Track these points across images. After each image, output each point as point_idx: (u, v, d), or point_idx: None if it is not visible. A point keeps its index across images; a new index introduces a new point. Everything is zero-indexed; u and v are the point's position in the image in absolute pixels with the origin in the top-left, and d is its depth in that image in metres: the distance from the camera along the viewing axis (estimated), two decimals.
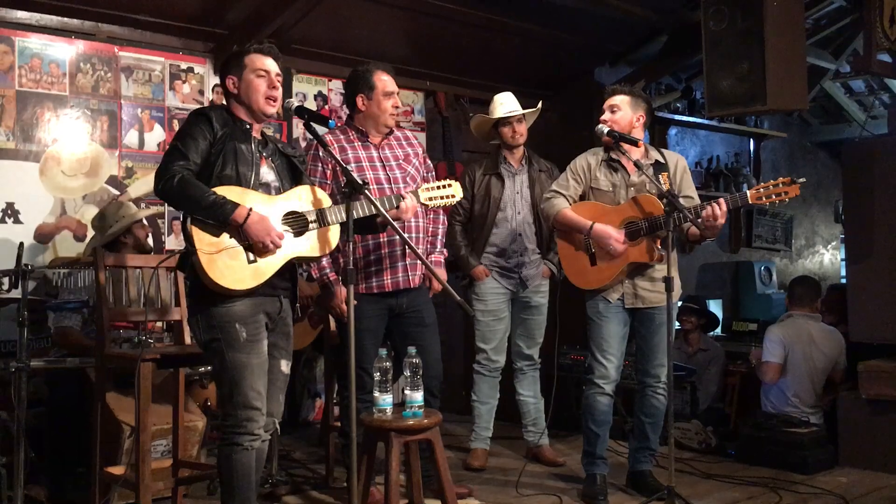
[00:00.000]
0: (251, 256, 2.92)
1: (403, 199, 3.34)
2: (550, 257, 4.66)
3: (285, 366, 3.12)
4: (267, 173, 3.05)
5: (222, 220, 2.85)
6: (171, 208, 5.02)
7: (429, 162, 4.01)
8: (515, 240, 4.61)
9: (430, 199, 3.46)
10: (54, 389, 4.08)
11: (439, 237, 4.01)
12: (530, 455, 4.70)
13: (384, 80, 3.73)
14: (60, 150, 4.69)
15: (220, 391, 3.00)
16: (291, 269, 3.10)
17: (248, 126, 3.06)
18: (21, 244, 3.92)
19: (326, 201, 3.11)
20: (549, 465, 4.61)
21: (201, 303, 2.93)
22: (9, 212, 4.49)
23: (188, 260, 2.89)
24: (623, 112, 3.97)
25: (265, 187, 3.03)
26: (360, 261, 3.66)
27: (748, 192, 3.70)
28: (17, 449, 3.47)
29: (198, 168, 2.90)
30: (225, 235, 2.88)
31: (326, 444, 4.28)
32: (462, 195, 3.59)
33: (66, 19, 4.72)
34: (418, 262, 3.71)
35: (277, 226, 2.96)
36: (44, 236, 4.61)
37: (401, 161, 3.77)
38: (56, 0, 4.60)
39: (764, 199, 3.67)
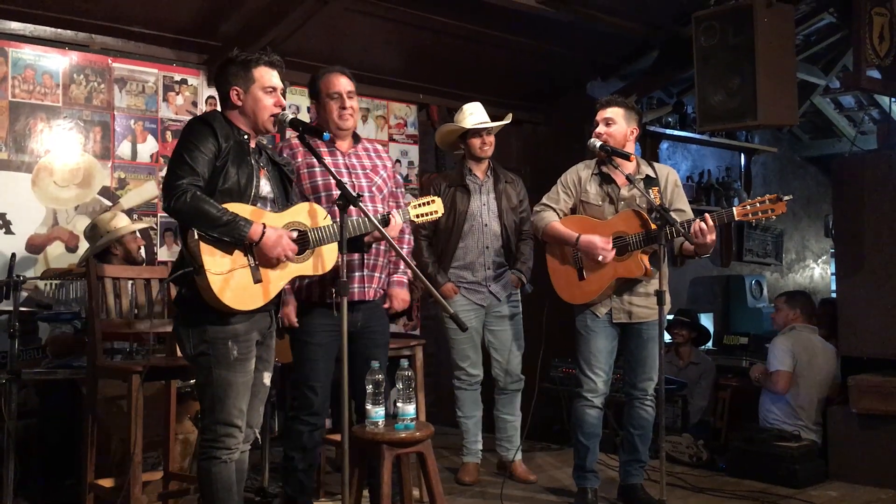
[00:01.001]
0: (257, 276, 2.90)
1: (392, 217, 3.34)
2: (518, 266, 4.61)
3: (267, 378, 3.11)
4: (264, 185, 3.03)
5: (238, 238, 2.82)
6: (167, 219, 5.01)
7: (398, 177, 3.89)
8: (483, 253, 4.53)
9: (418, 216, 3.48)
10: (45, 400, 4.07)
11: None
12: (501, 469, 4.62)
13: (327, 82, 3.56)
14: (53, 161, 4.69)
15: (202, 404, 2.98)
16: None
17: (246, 136, 3.01)
18: (13, 255, 3.92)
19: (324, 219, 3.11)
20: (521, 481, 4.51)
21: (196, 316, 2.89)
22: (0, 222, 4.48)
23: (188, 275, 2.83)
24: (618, 125, 3.96)
25: (262, 201, 3.01)
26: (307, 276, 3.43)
27: (734, 208, 3.71)
28: (6, 460, 3.45)
29: (205, 182, 2.85)
30: (235, 253, 2.86)
31: (318, 455, 4.26)
32: (443, 210, 3.59)
33: (59, 30, 4.72)
34: (375, 274, 3.58)
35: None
36: (35, 247, 4.60)
37: (368, 171, 3.63)
38: (50, 11, 4.61)
39: (750, 215, 3.67)
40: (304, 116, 5.64)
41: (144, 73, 5.04)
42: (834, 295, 6.37)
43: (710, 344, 6.51)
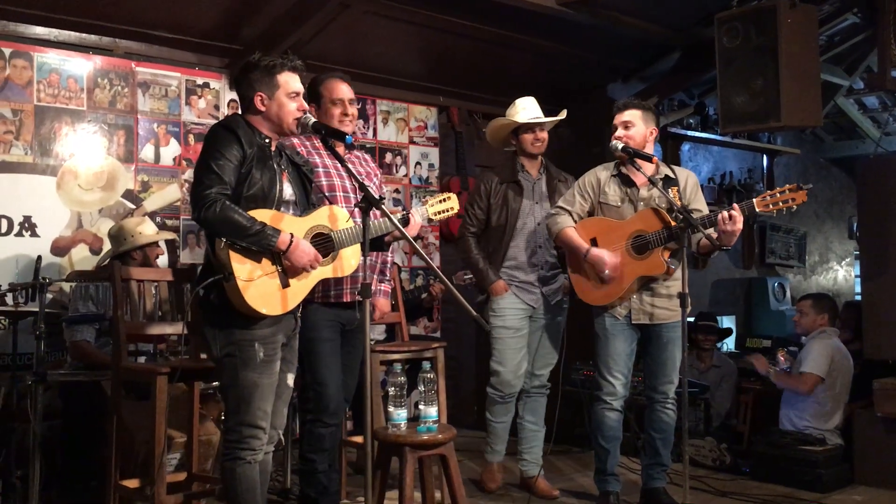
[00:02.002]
0: (285, 282, 2.94)
1: (411, 217, 3.36)
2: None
3: (291, 379, 3.13)
4: (287, 189, 3.05)
5: (266, 247, 2.87)
6: (190, 222, 5.04)
7: (383, 189, 3.87)
8: (535, 252, 4.37)
9: (437, 213, 3.50)
10: (68, 402, 4.10)
11: (388, 265, 3.83)
12: (523, 485, 4.47)
13: (330, 88, 3.60)
14: (77, 165, 4.73)
15: (227, 406, 3.00)
16: None
17: (268, 140, 3.04)
18: (39, 258, 3.96)
19: (346, 221, 3.14)
20: (544, 497, 4.33)
21: (223, 319, 2.91)
22: (26, 225, 4.53)
23: (217, 282, 2.86)
24: (637, 127, 3.96)
25: (286, 204, 3.03)
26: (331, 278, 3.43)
27: (754, 200, 3.67)
28: (32, 461, 3.48)
29: (232, 190, 2.88)
30: (263, 260, 2.90)
31: (340, 457, 4.25)
32: (458, 206, 3.57)
33: (84, 35, 4.77)
34: (374, 275, 3.67)
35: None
36: (60, 249, 4.64)
37: (363, 177, 3.65)
38: (74, 16, 4.65)
39: (771, 206, 3.63)
40: None
41: (167, 76, 5.08)
42: (858, 297, 6.30)
43: (732, 346, 6.47)
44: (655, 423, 4.03)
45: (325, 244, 3.07)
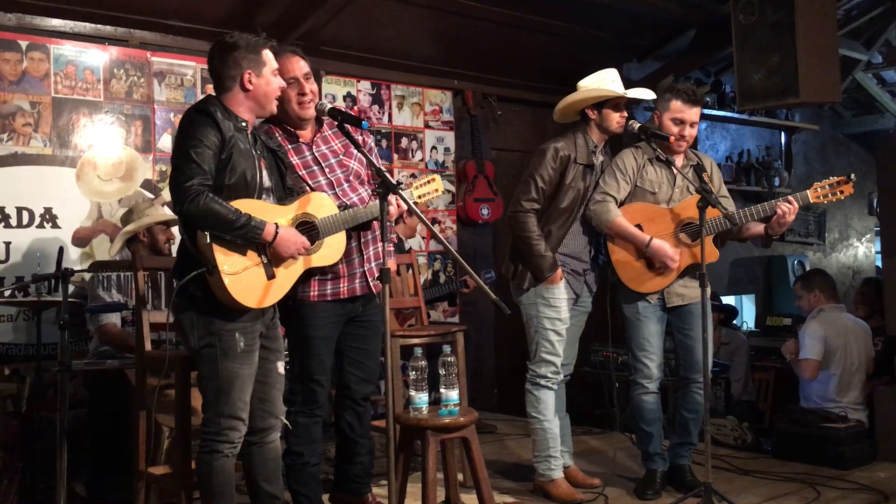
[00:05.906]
0: (270, 273, 2.88)
1: (389, 203, 3.09)
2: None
3: (281, 367, 3.08)
4: (266, 176, 2.96)
5: (252, 240, 2.80)
6: None
7: (375, 150, 3.54)
8: (589, 240, 4.02)
9: (421, 196, 3.43)
10: (93, 391, 4.14)
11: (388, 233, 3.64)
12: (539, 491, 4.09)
13: (282, 67, 3.13)
14: (96, 156, 4.76)
15: (205, 397, 2.91)
16: None
17: (244, 124, 2.90)
18: (61, 248, 4.00)
19: (331, 208, 3.08)
20: (583, 487, 4.05)
21: (202, 308, 2.83)
22: (47, 217, 4.57)
23: (200, 274, 2.78)
24: (698, 124, 3.97)
25: (267, 192, 2.95)
26: (318, 268, 3.21)
27: (808, 192, 3.76)
28: (59, 450, 3.52)
29: (212, 178, 2.77)
30: (248, 252, 2.83)
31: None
32: (442, 187, 3.46)
33: (99, 26, 4.80)
34: (374, 266, 3.43)
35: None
36: (81, 240, 4.68)
37: (340, 157, 3.36)
38: (89, 7, 4.68)
39: (822, 197, 3.76)
40: (340, 105, 5.66)
41: (182, 66, 5.09)
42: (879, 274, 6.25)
43: (752, 325, 6.45)
44: (689, 403, 4.01)
45: (311, 232, 3.01)
